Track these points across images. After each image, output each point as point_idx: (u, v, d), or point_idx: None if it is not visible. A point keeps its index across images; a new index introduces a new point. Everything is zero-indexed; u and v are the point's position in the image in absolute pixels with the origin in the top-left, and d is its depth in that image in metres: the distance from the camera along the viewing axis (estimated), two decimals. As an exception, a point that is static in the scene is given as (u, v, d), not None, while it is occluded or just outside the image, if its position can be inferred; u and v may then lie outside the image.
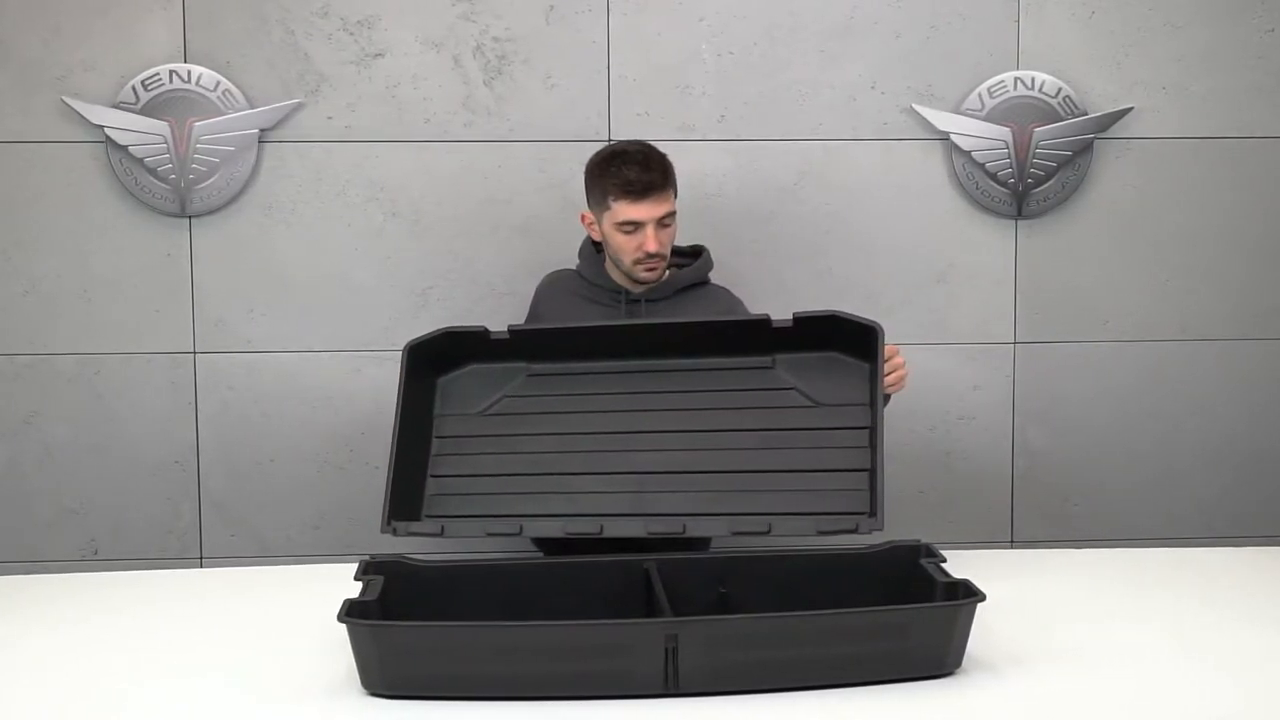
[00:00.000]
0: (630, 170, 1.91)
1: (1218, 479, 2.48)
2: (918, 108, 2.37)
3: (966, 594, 1.30)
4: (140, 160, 2.30)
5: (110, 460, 2.38)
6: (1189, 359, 2.46)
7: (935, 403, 2.44)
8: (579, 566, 1.47)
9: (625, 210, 1.91)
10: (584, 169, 2.02)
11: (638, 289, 2.00)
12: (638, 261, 1.94)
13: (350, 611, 1.23)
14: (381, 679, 1.21)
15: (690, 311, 1.99)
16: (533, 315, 2.11)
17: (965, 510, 2.47)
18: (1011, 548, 2.45)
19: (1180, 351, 2.46)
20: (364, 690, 1.22)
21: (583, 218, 2.03)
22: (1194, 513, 2.48)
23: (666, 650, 1.18)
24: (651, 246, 1.92)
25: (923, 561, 1.42)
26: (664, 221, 1.94)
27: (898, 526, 2.36)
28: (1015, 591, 1.58)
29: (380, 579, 1.35)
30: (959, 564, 1.63)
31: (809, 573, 1.46)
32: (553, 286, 2.10)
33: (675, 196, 1.98)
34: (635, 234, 1.93)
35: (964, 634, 1.27)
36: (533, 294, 2.14)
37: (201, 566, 2.37)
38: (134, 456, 2.38)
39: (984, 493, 2.48)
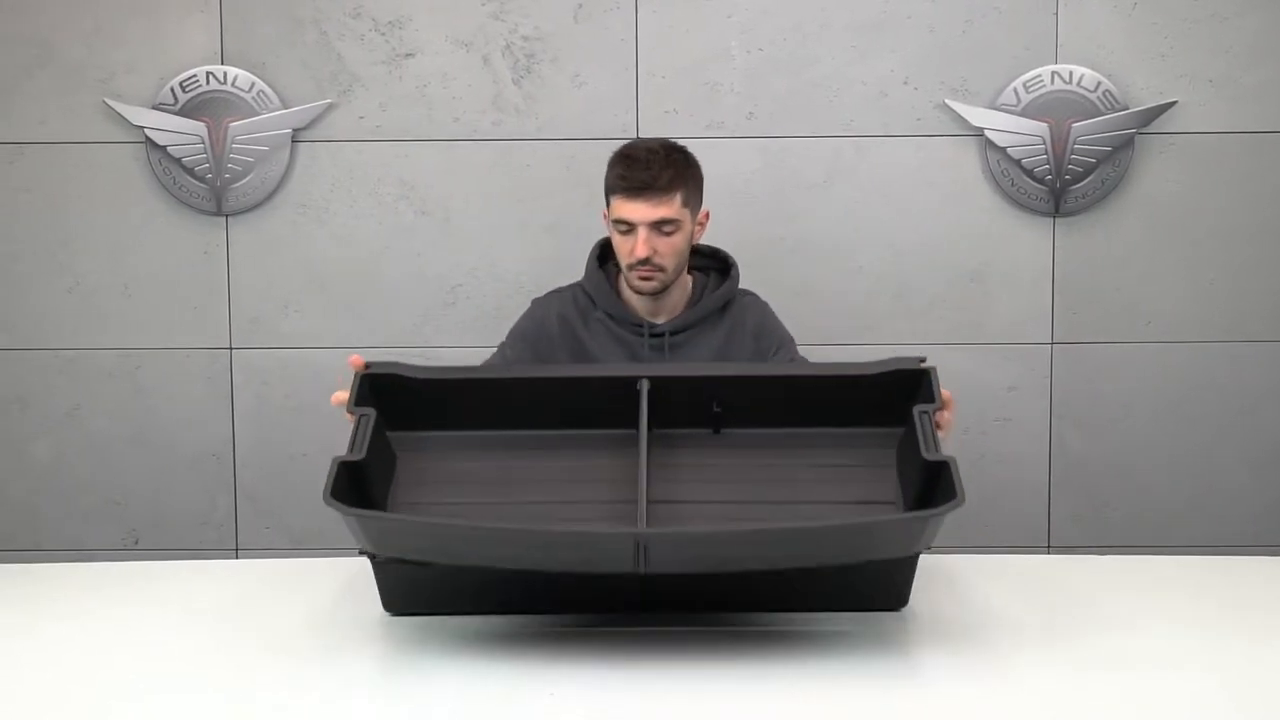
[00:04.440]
0: (631, 166, 1.83)
1: (1265, 486, 2.52)
2: (951, 103, 2.44)
3: (947, 490, 1.33)
4: (178, 160, 2.47)
5: (150, 453, 2.56)
6: (1234, 361, 2.49)
7: (970, 404, 2.50)
8: (574, 382, 1.56)
9: (619, 207, 1.84)
10: None
11: (659, 315, 1.93)
12: (630, 267, 1.86)
13: (337, 481, 1.38)
14: (369, 541, 1.36)
15: (714, 346, 1.91)
16: (534, 357, 1.94)
17: (1001, 514, 2.53)
18: (1049, 553, 2.52)
19: (1225, 353, 2.49)
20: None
21: (603, 215, 1.96)
22: (1239, 521, 2.52)
23: (637, 544, 1.27)
24: (640, 251, 1.82)
25: (915, 411, 1.43)
26: (663, 229, 1.83)
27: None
28: (1017, 595, 1.63)
29: (371, 415, 1.49)
30: (988, 568, 1.70)
31: (806, 394, 1.51)
32: (563, 319, 1.94)
33: (689, 206, 1.86)
34: (629, 235, 1.84)
35: (934, 531, 1.31)
36: (519, 324, 1.99)
37: (237, 558, 2.54)
38: (172, 449, 2.56)
39: (1020, 497, 2.54)
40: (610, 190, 1.88)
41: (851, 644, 1.41)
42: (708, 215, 1.96)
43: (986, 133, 2.43)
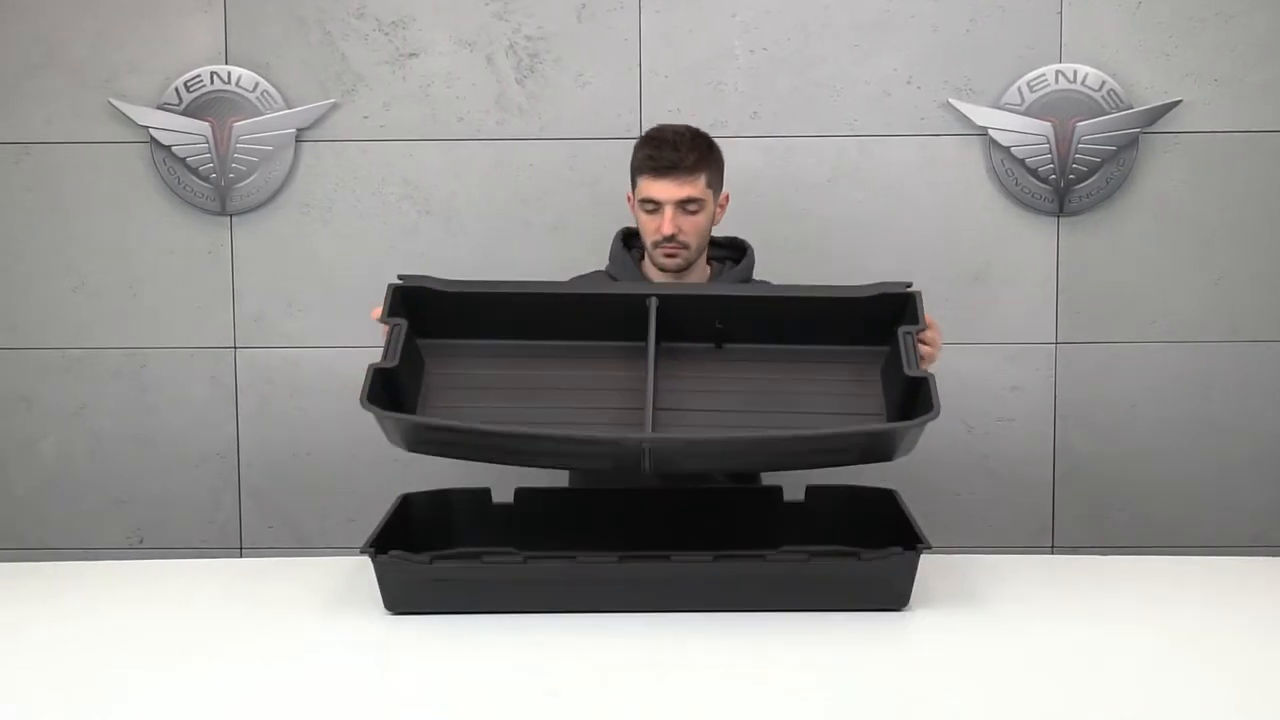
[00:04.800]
0: (659, 147, 1.95)
1: (1271, 487, 2.52)
2: (955, 102, 2.45)
3: (925, 403, 1.51)
4: (183, 160, 2.49)
5: (155, 452, 2.58)
6: (1240, 361, 2.50)
7: (973, 404, 2.52)
8: (587, 297, 1.73)
9: (646, 186, 1.96)
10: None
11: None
12: (655, 245, 1.98)
13: (372, 387, 1.51)
14: (401, 441, 1.51)
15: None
16: None
17: (1004, 515, 2.55)
18: (1052, 553, 2.52)
19: (1231, 353, 2.50)
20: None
21: (627, 198, 2.08)
22: (1245, 522, 2.52)
23: (642, 448, 1.46)
24: (666, 229, 1.94)
25: (899, 331, 1.62)
26: (688, 207, 1.95)
27: (934, 529, 2.45)
28: (1019, 595, 1.64)
29: (403, 325, 1.63)
30: (989, 568, 1.71)
31: (802, 314, 1.68)
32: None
33: (712, 188, 2.00)
34: (655, 214, 1.96)
35: (913, 441, 1.50)
36: None
37: (241, 556, 2.56)
38: (177, 448, 2.58)
39: (1024, 497, 2.55)
40: (637, 171, 1.99)
41: (852, 644, 1.42)
42: (728, 198, 2.08)
43: (990, 132, 2.44)
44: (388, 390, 1.60)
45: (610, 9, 2.46)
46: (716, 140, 2.35)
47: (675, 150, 1.94)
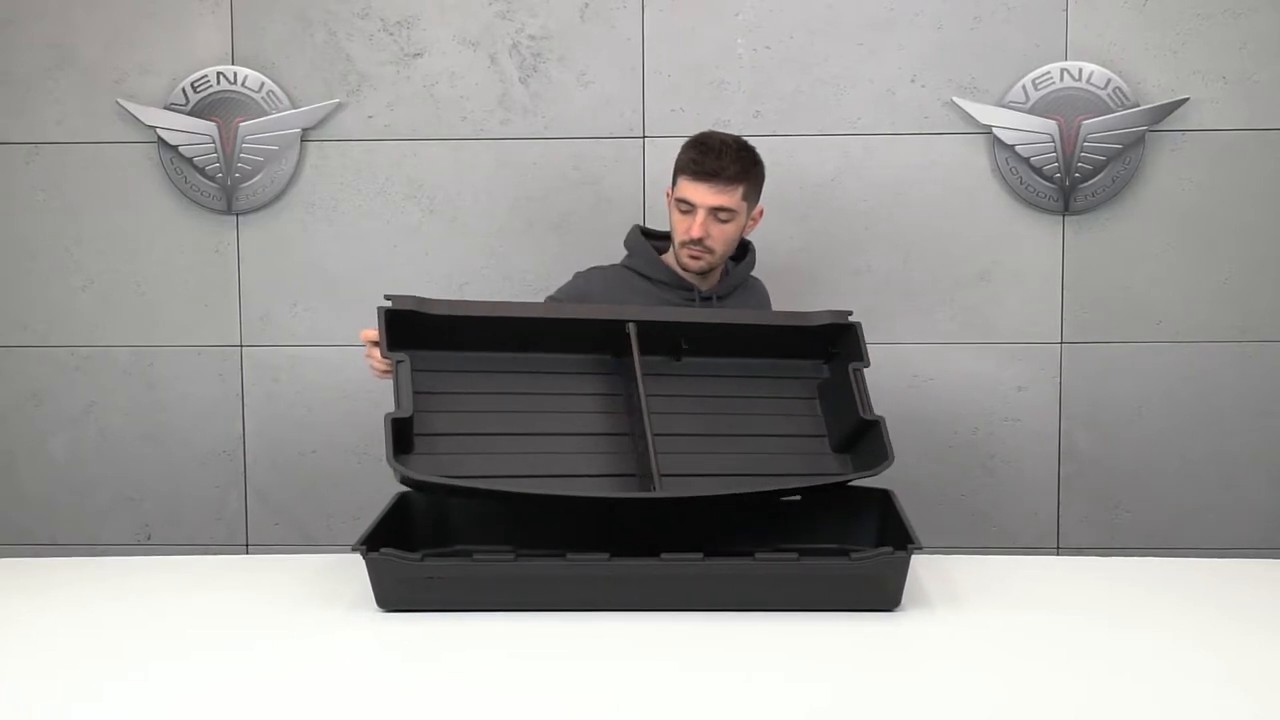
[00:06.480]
0: (703, 152, 2.00)
1: (1278, 488, 2.49)
2: (959, 101, 2.43)
3: (877, 444, 1.67)
4: (189, 160, 2.51)
5: (163, 449, 2.60)
6: (1247, 361, 2.48)
7: (978, 404, 2.51)
8: (571, 322, 1.79)
9: (684, 187, 2.01)
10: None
11: (703, 284, 2.10)
12: (683, 244, 2.03)
13: (398, 440, 1.57)
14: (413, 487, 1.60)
15: (739, 307, 2.15)
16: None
17: (1009, 516, 2.53)
18: (1057, 554, 2.50)
19: (1238, 353, 2.48)
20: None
21: (666, 193, 2.13)
22: (1252, 523, 2.50)
23: (646, 502, 1.63)
24: (695, 232, 2.00)
25: (850, 368, 1.77)
26: (719, 215, 2.00)
27: (938, 530, 2.44)
28: (1017, 596, 1.63)
29: (407, 362, 1.64)
30: (988, 569, 1.71)
31: (756, 338, 1.84)
32: (607, 282, 2.12)
33: (747, 200, 2.04)
34: (687, 215, 2.01)
35: (883, 444, 1.67)
36: (565, 289, 2.15)
37: (247, 553, 2.58)
38: (185, 446, 2.60)
39: (1029, 498, 2.54)
40: (679, 170, 2.05)
41: (842, 645, 1.42)
42: (761, 212, 2.12)
43: (995, 130, 2.43)
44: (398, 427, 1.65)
45: (613, 8, 2.46)
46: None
47: (718, 159, 1.99)
